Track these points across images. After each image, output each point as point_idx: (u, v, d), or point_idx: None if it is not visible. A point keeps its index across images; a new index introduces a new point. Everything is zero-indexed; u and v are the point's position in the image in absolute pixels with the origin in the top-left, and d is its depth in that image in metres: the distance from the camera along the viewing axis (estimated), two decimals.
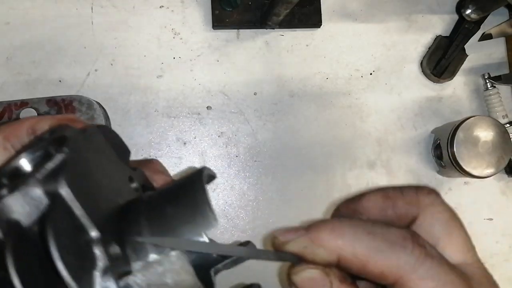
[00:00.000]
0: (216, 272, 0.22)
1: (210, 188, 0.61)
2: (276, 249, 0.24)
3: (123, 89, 0.60)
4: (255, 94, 0.62)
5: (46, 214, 0.18)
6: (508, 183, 0.67)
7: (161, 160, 0.61)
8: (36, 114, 0.52)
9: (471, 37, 0.64)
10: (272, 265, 0.58)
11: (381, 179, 0.64)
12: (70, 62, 0.59)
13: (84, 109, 0.53)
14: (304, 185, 0.62)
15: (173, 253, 0.20)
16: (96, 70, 0.60)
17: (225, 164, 0.61)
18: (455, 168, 0.60)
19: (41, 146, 0.21)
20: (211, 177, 0.23)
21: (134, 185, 0.25)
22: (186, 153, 0.61)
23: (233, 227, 0.61)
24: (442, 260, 0.23)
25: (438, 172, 0.65)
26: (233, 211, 0.61)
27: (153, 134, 0.60)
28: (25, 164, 0.20)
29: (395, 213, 0.25)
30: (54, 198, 0.19)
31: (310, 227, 0.23)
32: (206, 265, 0.21)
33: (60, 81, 0.59)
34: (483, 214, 0.66)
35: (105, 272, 0.19)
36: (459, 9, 0.64)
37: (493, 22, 0.65)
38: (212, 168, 0.65)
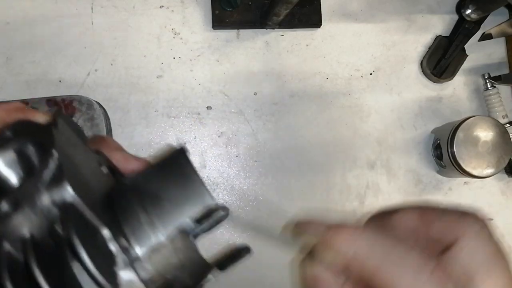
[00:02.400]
0: (196, 237, 0.22)
1: (210, 188, 0.61)
2: (292, 233, 0.24)
3: (123, 89, 0.60)
4: (255, 94, 0.62)
5: (64, 225, 0.18)
6: (508, 183, 0.67)
7: None
8: None
9: (471, 37, 0.64)
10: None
11: (381, 179, 0.64)
12: (70, 62, 0.59)
13: (84, 109, 0.53)
14: (304, 185, 0.62)
15: (174, 233, 0.20)
16: (96, 70, 0.60)
17: (225, 164, 0.61)
18: (455, 168, 0.60)
19: (7, 146, 0.20)
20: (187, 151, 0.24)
21: (104, 170, 0.25)
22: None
23: (233, 227, 0.60)
24: None
25: (438, 172, 0.65)
26: (233, 211, 0.61)
27: (153, 134, 0.60)
28: (2, 168, 0.20)
29: (429, 237, 0.23)
30: (62, 205, 0.19)
31: (331, 228, 0.23)
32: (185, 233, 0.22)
33: (60, 81, 0.59)
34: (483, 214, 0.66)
35: (125, 266, 0.19)
36: (459, 9, 0.65)
37: (493, 22, 0.64)
38: (212, 168, 0.65)
